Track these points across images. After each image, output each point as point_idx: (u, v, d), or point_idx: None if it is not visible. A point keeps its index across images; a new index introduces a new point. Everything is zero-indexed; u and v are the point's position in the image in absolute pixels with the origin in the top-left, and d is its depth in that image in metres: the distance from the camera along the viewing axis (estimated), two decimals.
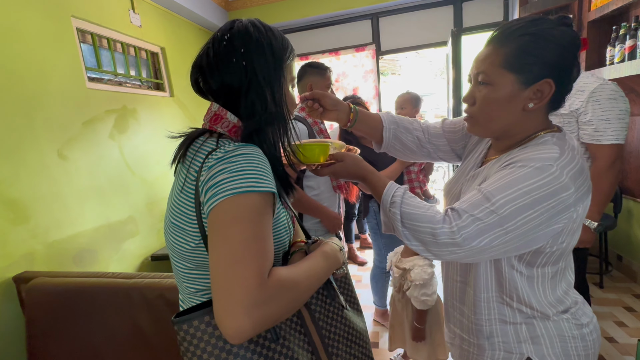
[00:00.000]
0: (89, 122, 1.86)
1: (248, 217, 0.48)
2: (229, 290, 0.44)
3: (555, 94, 0.61)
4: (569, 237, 0.63)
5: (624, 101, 1.20)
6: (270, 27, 0.62)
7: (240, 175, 0.49)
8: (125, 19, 2.19)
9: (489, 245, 0.57)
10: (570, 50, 0.59)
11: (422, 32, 3.11)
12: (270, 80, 0.59)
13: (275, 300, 0.46)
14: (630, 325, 1.81)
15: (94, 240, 1.84)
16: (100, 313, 1.21)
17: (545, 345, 0.66)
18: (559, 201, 0.56)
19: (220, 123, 0.59)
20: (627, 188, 2.26)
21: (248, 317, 0.43)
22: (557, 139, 0.62)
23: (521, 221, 0.56)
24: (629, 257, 2.28)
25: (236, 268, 0.45)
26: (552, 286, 0.66)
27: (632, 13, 2.01)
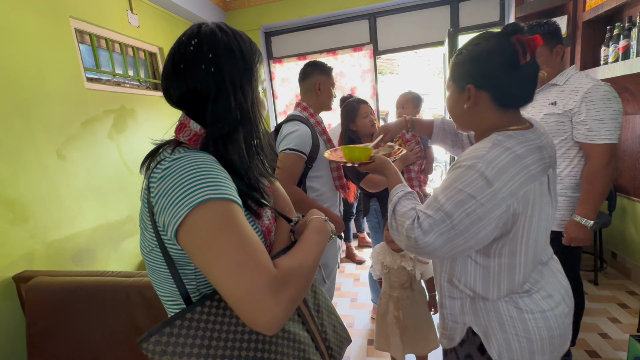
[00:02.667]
0: (88, 122, 1.87)
1: (225, 224, 0.47)
2: (247, 293, 0.45)
3: (492, 95, 0.71)
4: (520, 229, 0.67)
5: (617, 101, 1.22)
6: (237, 31, 0.60)
7: (189, 188, 0.48)
8: (124, 19, 2.20)
9: (440, 240, 0.66)
10: (490, 60, 0.69)
11: (419, 32, 3.13)
12: (241, 84, 0.58)
13: (291, 283, 0.49)
14: (623, 322, 1.83)
15: (93, 240, 1.85)
16: (99, 312, 1.22)
17: (484, 317, 0.75)
18: (487, 197, 0.63)
19: (182, 132, 0.58)
20: (621, 186, 2.29)
21: (276, 306, 0.45)
22: (502, 136, 0.68)
23: (461, 215, 0.64)
24: (623, 255, 2.30)
25: (244, 273, 0.45)
26: (509, 277, 0.71)
27: (625, 13, 2.04)
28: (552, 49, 1.31)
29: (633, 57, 1.83)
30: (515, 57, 0.66)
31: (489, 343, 0.75)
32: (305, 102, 1.48)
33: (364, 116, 1.71)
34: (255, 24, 3.27)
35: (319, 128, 1.46)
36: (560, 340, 0.73)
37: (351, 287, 2.53)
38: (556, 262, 0.83)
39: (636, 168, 2.16)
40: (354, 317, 2.13)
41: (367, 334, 1.94)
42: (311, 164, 1.41)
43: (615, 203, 2.20)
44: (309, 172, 1.43)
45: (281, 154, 1.32)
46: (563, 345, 0.75)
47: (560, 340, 0.73)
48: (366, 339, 1.90)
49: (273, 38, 3.45)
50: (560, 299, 0.74)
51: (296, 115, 1.43)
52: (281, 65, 3.43)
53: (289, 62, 3.41)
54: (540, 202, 0.68)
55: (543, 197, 0.69)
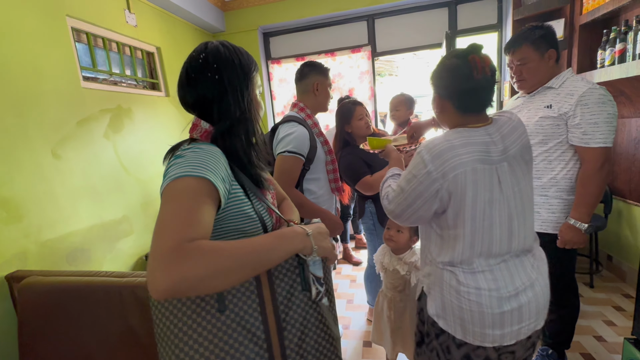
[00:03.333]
0: (84, 122, 1.86)
1: (179, 195, 0.55)
2: (153, 253, 0.49)
3: (453, 103, 0.87)
4: (458, 206, 0.81)
5: (612, 105, 1.22)
6: (237, 47, 0.75)
7: (180, 165, 0.58)
8: (121, 18, 2.20)
9: (398, 209, 0.90)
10: (450, 75, 0.85)
11: (417, 34, 3.13)
12: (240, 88, 0.71)
13: (191, 261, 0.48)
14: (619, 325, 1.83)
15: (88, 240, 1.84)
16: (91, 312, 1.21)
17: (431, 280, 0.92)
18: (424, 176, 0.81)
19: (195, 130, 0.71)
20: (617, 189, 2.29)
21: (165, 275, 0.46)
22: (452, 131, 0.85)
23: (409, 190, 0.85)
24: (619, 257, 2.31)
25: (160, 234, 0.50)
26: (452, 247, 0.86)
27: (622, 17, 2.05)
28: (543, 54, 1.31)
29: (629, 61, 1.84)
30: (470, 73, 0.81)
31: (430, 302, 0.92)
32: (302, 102, 1.46)
33: (359, 118, 1.69)
34: (254, 25, 3.27)
35: (316, 129, 1.44)
36: (493, 321, 0.81)
37: (347, 288, 2.53)
38: (532, 259, 0.89)
39: (632, 171, 2.17)
40: (350, 318, 2.12)
41: (362, 335, 1.94)
42: (309, 166, 1.39)
43: (611, 206, 2.21)
44: (306, 175, 1.41)
45: (280, 157, 1.30)
46: (500, 325, 0.82)
47: (493, 321, 0.81)
48: (361, 341, 1.89)
49: (271, 39, 3.45)
50: (510, 285, 0.82)
51: (293, 116, 1.41)
52: (279, 65, 3.43)
53: (287, 63, 3.40)
54: (477, 187, 0.80)
55: (484, 185, 0.80)
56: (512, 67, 1.39)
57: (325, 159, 1.46)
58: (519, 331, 0.84)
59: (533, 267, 0.87)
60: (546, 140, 1.31)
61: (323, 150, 1.45)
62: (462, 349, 0.86)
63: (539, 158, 1.34)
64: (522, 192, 0.86)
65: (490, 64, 0.81)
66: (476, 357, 0.86)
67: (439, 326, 0.89)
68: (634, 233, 2.16)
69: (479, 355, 0.85)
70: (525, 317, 0.84)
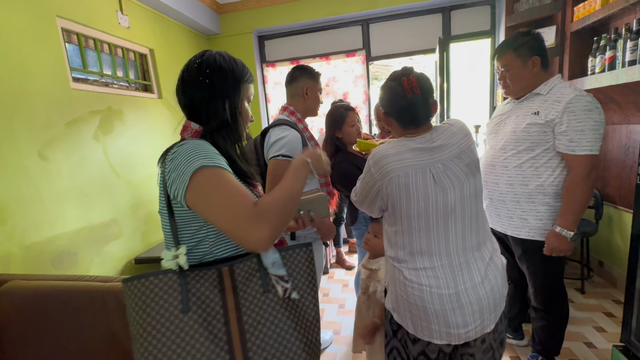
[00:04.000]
0: (72, 123, 1.84)
1: (216, 181, 0.65)
2: (238, 222, 0.63)
3: (395, 119, 0.98)
4: (397, 204, 0.92)
5: (599, 112, 1.22)
6: (234, 58, 0.81)
7: (189, 160, 0.66)
8: (113, 20, 2.18)
9: (358, 203, 1.05)
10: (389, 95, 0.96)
11: (412, 39, 3.15)
12: (228, 94, 0.77)
13: (270, 213, 0.65)
14: (609, 331, 1.83)
15: (74, 243, 1.81)
16: (73, 318, 1.19)
17: (388, 277, 1.01)
18: (368, 178, 0.96)
19: (186, 132, 0.76)
20: (607, 195, 2.31)
21: (260, 231, 0.62)
22: (393, 141, 0.98)
23: (360, 189, 1.02)
24: (610, 263, 2.32)
25: (232, 211, 0.63)
26: (394, 242, 0.97)
27: (612, 25, 2.07)
28: (526, 61, 1.31)
29: (619, 68, 1.85)
30: (403, 93, 0.92)
31: (388, 295, 1.01)
32: (292, 106, 1.45)
33: (350, 125, 1.67)
34: (249, 28, 3.27)
35: (307, 134, 1.42)
36: (436, 316, 0.88)
37: (339, 293, 2.51)
38: (480, 263, 0.92)
39: (622, 177, 2.18)
40: (340, 323, 2.10)
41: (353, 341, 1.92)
42: None
43: (602, 212, 2.22)
44: None
45: (273, 161, 1.27)
46: (445, 324, 0.88)
47: (437, 317, 0.88)
48: (352, 347, 1.87)
49: (266, 42, 3.46)
50: (452, 284, 0.88)
51: (284, 120, 1.39)
52: (274, 69, 3.43)
53: (282, 66, 3.41)
54: (409, 189, 0.90)
55: (417, 187, 0.89)
56: (499, 73, 1.40)
57: None
58: (466, 334, 0.89)
59: (479, 272, 0.90)
60: (533, 147, 1.31)
61: None
62: (417, 345, 0.94)
63: (526, 165, 1.34)
64: (463, 194, 0.90)
65: (418, 85, 0.91)
66: (431, 352, 0.93)
67: (394, 320, 0.98)
68: (625, 239, 2.17)
69: (433, 351, 0.93)
70: (470, 319, 0.88)
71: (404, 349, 0.98)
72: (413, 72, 0.93)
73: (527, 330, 1.80)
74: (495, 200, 1.45)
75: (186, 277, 0.67)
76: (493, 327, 0.92)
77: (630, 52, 1.76)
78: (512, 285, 1.68)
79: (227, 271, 0.70)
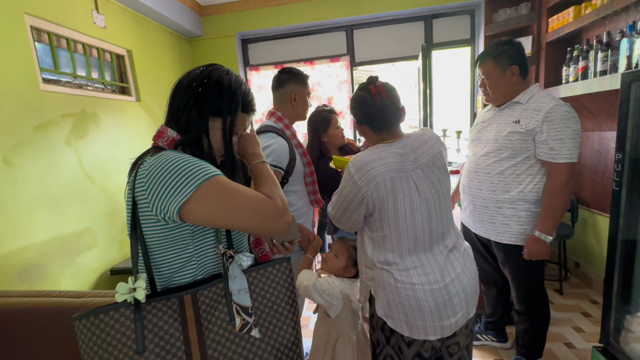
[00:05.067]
0: (42, 127, 1.73)
1: (228, 187, 0.63)
2: (268, 218, 0.65)
3: (368, 125, 1.02)
4: (384, 209, 0.94)
5: (576, 121, 1.27)
6: (243, 81, 0.77)
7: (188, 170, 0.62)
8: (88, 19, 2.09)
9: (337, 215, 1.03)
10: (359, 103, 1.01)
11: (395, 45, 3.19)
12: (220, 113, 0.72)
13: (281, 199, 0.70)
14: (587, 331, 1.89)
15: (44, 255, 1.69)
16: (41, 338, 1.10)
17: (375, 282, 1.01)
18: (351, 186, 0.95)
19: (161, 138, 0.69)
20: (582, 199, 2.40)
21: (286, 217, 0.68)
22: (371, 148, 1.00)
23: (342, 199, 0.99)
24: (585, 264, 2.41)
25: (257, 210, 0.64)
26: (383, 246, 0.98)
27: (584, 36, 2.17)
28: (505, 70, 1.34)
29: (591, 78, 1.94)
30: (372, 99, 0.97)
31: (377, 303, 1.00)
32: (280, 112, 1.40)
33: (335, 127, 1.67)
34: (232, 31, 3.22)
35: (295, 141, 1.38)
36: (431, 313, 0.92)
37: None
38: (457, 253, 1.02)
39: (595, 182, 2.28)
40: None
41: None
42: (287, 178, 1.32)
43: (578, 215, 2.31)
44: (285, 187, 1.35)
45: None
46: (438, 317, 0.93)
47: (432, 313, 0.92)
48: None
49: (250, 45, 3.41)
50: (440, 278, 0.94)
51: (271, 127, 1.35)
52: (258, 73, 3.39)
53: (266, 70, 3.37)
54: (396, 193, 0.93)
55: (402, 190, 0.94)
56: (480, 80, 1.43)
57: (304, 170, 1.41)
58: (456, 323, 0.96)
59: (458, 262, 1.00)
60: (514, 154, 1.34)
61: (302, 162, 1.39)
62: (412, 347, 0.96)
63: (508, 172, 1.36)
64: (439, 194, 0.99)
65: (385, 90, 0.98)
66: (425, 352, 0.97)
67: (388, 327, 0.98)
68: (599, 241, 2.26)
69: (427, 350, 0.97)
70: (458, 308, 0.95)
71: (398, 355, 0.98)
72: (378, 80, 1.01)
73: (511, 333, 1.83)
74: (478, 207, 1.47)
75: (142, 312, 0.61)
76: (474, 312, 1.01)
77: (601, 63, 1.85)
78: (495, 289, 1.71)
79: (189, 300, 0.63)
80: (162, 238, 0.65)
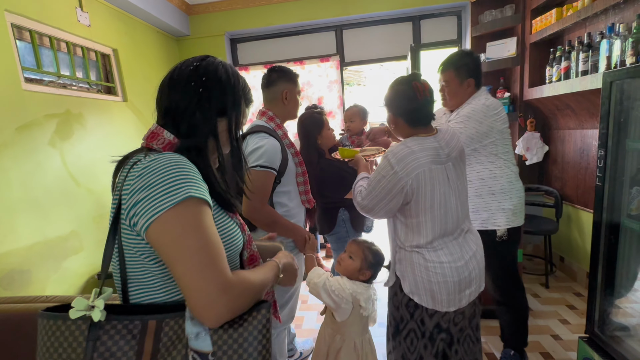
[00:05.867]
0: (25, 128, 1.68)
1: (199, 223, 0.54)
2: (202, 292, 0.51)
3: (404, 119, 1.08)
4: (421, 197, 1.01)
5: (476, 121, 1.40)
6: (238, 73, 0.71)
7: (170, 185, 0.53)
8: (72, 17, 2.03)
9: (371, 204, 1.08)
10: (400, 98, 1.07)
11: (384, 45, 3.22)
12: (225, 112, 0.67)
13: (242, 293, 0.56)
14: (572, 322, 1.95)
15: (27, 259, 1.64)
16: (26, 345, 1.06)
17: (402, 264, 1.10)
18: (391, 176, 1.01)
19: (156, 140, 0.62)
20: (566, 195, 2.48)
21: (224, 307, 0.52)
22: (409, 139, 1.06)
23: (378, 188, 1.04)
24: (570, 258, 2.48)
25: (204, 274, 0.52)
26: (417, 232, 1.06)
27: (566, 38, 2.24)
28: (463, 81, 1.45)
29: (573, 77, 2.00)
30: (414, 95, 1.03)
31: (404, 282, 1.09)
32: (271, 111, 1.39)
33: (328, 128, 1.69)
34: (221, 30, 3.19)
35: (287, 140, 1.37)
36: (454, 286, 1.04)
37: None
38: (471, 235, 1.14)
39: (578, 178, 2.35)
40: None
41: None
42: (279, 179, 1.31)
43: (562, 211, 2.38)
44: (277, 188, 1.33)
45: (250, 171, 1.22)
46: (459, 290, 1.05)
47: (455, 286, 1.04)
48: None
49: (239, 45, 3.39)
50: (461, 257, 1.06)
51: (262, 126, 1.33)
52: (247, 72, 3.37)
53: (256, 70, 3.35)
54: (434, 183, 1.01)
55: (439, 180, 1.02)
56: (440, 85, 1.54)
57: (296, 170, 1.41)
58: (469, 295, 1.08)
59: (473, 242, 1.12)
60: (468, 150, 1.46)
61: (294, 162, 1.39)
62: (434, 318, 1.07)
63: (468, 169, 1.48)
64: (462, 185, 1.10)
65: (428, 88, 1.04)
66: (444, 322, 1.08)
67: (413, 303, 1.08)
68: (582, 235, 2.33)
69: (446, 321, 1.08)
70: (474, 282, 1.09)
71: (419, 328, 1.09)
72: (422, 78, 1.05)
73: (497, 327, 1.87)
74: None
75: (99, 330, 0.54)
76: (483, 286, 1.15)
77: (582, 63, 1.91)
78: None
79: (153, 327, 0.55)
80: (140, 249, 0.57)
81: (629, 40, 1.56)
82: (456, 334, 1.12)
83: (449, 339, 1.11)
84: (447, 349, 1.11)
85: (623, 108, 1.27)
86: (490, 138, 1.42)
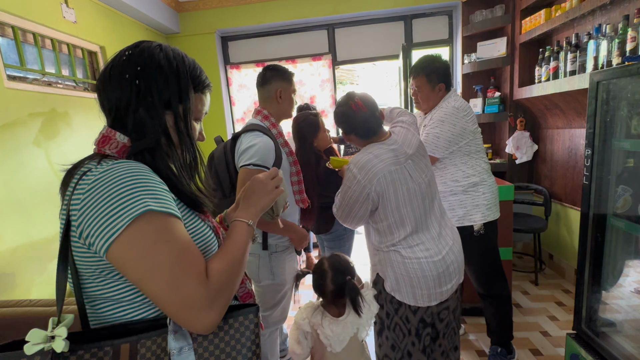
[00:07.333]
0: (8, 126, 1.63)
1: (165, 237, 0.49)
2: (185, 305, 0.49)
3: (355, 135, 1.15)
4: (386, 201, 1.06)
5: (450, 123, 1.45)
6: (182, 54, 0.61)
7: (126, 199, 0.48)
8: (57, 13, 1.98)
9: (343, 216, 1.14)
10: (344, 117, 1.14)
11: (376, 44, 3.22)
12: (167, 102, 0.58)
13: (223, 290, 0.53)
14: (561, 319, 1.99)
15: (11, 262, 1.60)
16: None
17: (383, 264, 1.14)
18: (355, 185, 1.06)
19: (108, 144, 0.56)
20: (555, 193, 2.51)
21: (212, 312, 0.51)
22: (368, 147, 1.11)
23: (347, 199, 1.10)
24: (559, 256, 2.52)
25: (181, 287, 0.49)
26: (389, 233, 1.11)
27: (554, 38, 2.27)
28: (434, 86, 1.50)
29: (562, 77, 2.03)
30: (354, 114, 1.10)
31: (386, 281, 1.13)
32: (266, 110, 1.38)
33: (324, 130, 1.68)
34: (211, 28, 3.15)
35: (281, 140, 1.36)
36: (433, 281, 1.07)
37: (311, 298, 2.47)
38: (447, 229, 1.17)
39: (567, 177, 2.39)
40: None
41: None
42: None
43: (551, 209, 2.41)
44: None
45: (243, 170, 1.20)
46: (439, 285, 1.08)
47: (434, 281, 1.08)
48: None
49: (230, 43, 3.35)
50: (438, 252, 1.09)
51: (257, 125, 1.32)
52: (238, 71, 3.33)
53: (247, 68, 3.32)
54: (396, 184, 1.05)
55: (400, 181, 1.06)
56: (412, 89, 1.58)
57: (290, 170, 1.40)
58: (451, 288, 1.12)
59: (449, 236, 1.15)
60: None
61: (288, 161, 1.38)
62: (417, 314, 1.11)
63: (440, 166, 1.54)
64: (428, 179, 1.13)
65: (363, 104, 1.10)
66: (427, 317, 1.11)
67: (396, 300, 1.11)
68: (571, 233, 2.37)
69: (429, 315, 1.12)
70: (453, 275, 1.12)
71: (405, 324, 1.12)
72: (356, 96, 1.12)
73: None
74: None
75: None
76: (462, 278, 1.19)
77: (570, 63, 1.94)
78: None
79: (126, 351, 0.50)
80: (99, 266, 0.51)
81: (615, 41, 1.58)
82: (442, 329, 1.16)
83: (434, 334, 1.15)
84: (432, 343, 1.15)
85: (609, 108, 1.29)
86: (465, 139, 1.47)
